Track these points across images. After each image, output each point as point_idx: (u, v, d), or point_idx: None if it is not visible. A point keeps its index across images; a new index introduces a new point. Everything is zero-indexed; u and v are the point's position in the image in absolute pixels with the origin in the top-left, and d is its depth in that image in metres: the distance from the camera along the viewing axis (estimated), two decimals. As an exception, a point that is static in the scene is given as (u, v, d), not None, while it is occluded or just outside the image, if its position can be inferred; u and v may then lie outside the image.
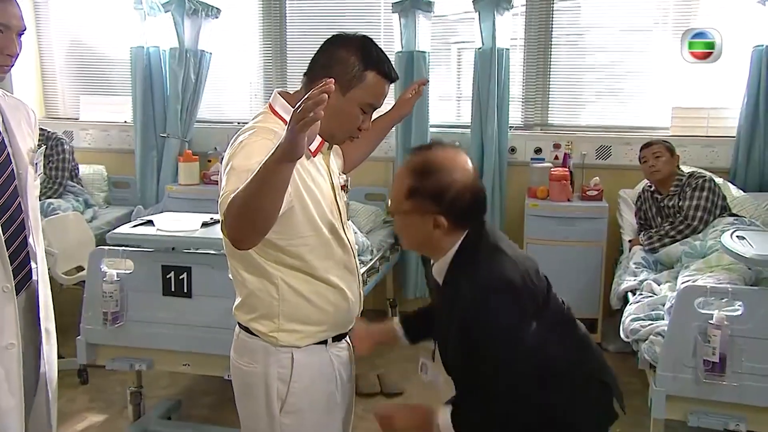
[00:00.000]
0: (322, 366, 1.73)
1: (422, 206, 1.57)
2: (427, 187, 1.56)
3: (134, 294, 2.70)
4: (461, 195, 1.56)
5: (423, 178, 1.57)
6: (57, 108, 5.35)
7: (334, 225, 1.70)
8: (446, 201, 1.56)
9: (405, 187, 1.59)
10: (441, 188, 1.56)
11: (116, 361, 2.80)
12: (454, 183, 1.56)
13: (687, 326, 2.32)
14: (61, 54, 5.25)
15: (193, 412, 3.27)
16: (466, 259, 1.59)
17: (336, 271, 1.70)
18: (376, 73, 1.62)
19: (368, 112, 1.66)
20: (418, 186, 1.57)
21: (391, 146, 4.53)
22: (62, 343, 3.66)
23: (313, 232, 1.65)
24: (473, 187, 1.60)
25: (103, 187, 4.87)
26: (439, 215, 1.56)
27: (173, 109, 4.69)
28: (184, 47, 4.60)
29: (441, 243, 1.61)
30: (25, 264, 1.81)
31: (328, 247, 1.68)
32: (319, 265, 1.66)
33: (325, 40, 1.69)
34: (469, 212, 1.60)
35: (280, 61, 4.83)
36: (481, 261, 1.57)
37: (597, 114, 4.49)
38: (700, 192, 3.38)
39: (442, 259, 1.63)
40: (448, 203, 1.56)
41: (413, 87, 2.06)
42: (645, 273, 3.29)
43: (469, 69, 4.42)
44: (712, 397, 2.32)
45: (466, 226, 1.61)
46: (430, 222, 1.57)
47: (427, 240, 1.61)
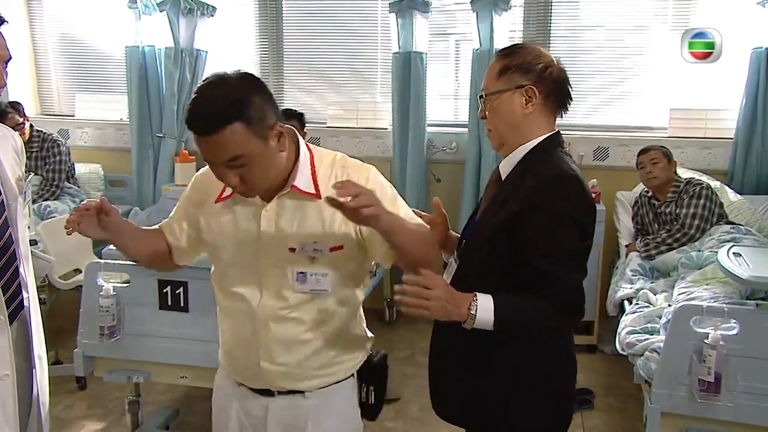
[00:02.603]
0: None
1: (513, 80, 1.59)
2: (515, 61, 1.60)
3: (131, 308, 2.70)
4: (549, 68, 1.60)
5: (511, 56, 1.62)
6: (52, 105, 5.32)
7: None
8: (536, 72, 1.59)
9: (495, 70, 1.62)
10: (529, 61, 1.60)
11: (114, 373, 2.80)
12: (542, 57, 1.61)
13: (683, 344, 2.33)
14: (56, 50, 5.22)
15: (191, 420, 3.29)
16: (538, 157, 1.59)
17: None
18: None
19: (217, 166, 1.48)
20: (507, 63, 1.61)
21: (388, 146, 4.52)
22: (61, 345, 3.72)
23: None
24: (559, 68, 1.63)
25: (99, 186, 4.85)
26: (530, 86, 1.58)
27: (169, 109, 4.67)
28: (180, 47, 4.57)
29: (531, 125, 1.61)
30: (17, 294, 1.81)
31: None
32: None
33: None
34: (557, 87, 1.62)
35: (277, 60, 4.80)
36: (553, 162, 1.57)
37: (594, 114, 4.47)
38: (698, 200, 3.38)
39: (516, 151, 1.62)
40: (537, 74, 1.59)
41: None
42: (641, 281, 3.30)
43: (466, 67, 4.40)
44: (707, 415, 2.33)
45: (555, 108, 1.63)
46: (520, 98, 1.59)
47: (518, 122, 1.60)
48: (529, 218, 1.50)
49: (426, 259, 1.53)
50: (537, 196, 1.51)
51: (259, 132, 1.44)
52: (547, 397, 1.64)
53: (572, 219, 1.51)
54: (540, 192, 1.51)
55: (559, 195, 1.50)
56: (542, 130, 1.61)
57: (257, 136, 1.44)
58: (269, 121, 1.46)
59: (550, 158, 1.58)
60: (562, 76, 1.63)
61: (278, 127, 1.49)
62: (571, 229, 1.51)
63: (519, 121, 1.60)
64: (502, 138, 1.64)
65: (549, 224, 1.49)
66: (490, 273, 1.57)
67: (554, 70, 1.61)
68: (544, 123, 1.62)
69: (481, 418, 1.66)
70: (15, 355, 1.78)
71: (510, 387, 1.61)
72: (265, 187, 1.55)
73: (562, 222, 1.49)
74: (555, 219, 1.49)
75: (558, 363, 1.66)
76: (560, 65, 1.64)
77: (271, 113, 1.47)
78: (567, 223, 1.50)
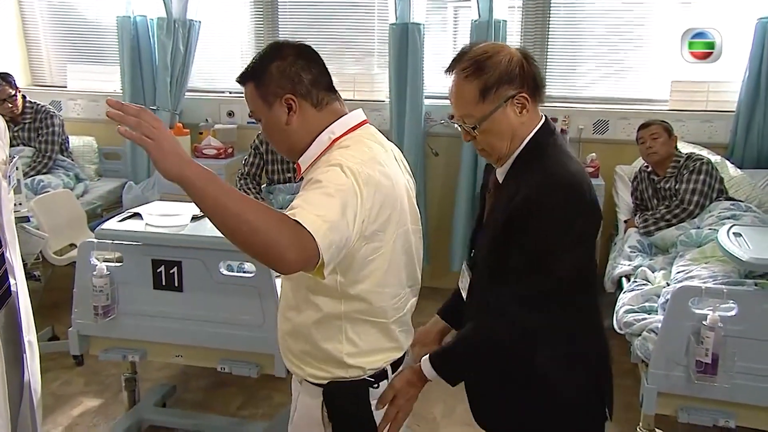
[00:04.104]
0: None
1: (500, 96, 1.50)
2: (493, 76, 1.49)
3: (125, 287, 2.67)
4: (521, 62, 1.51)
5: (482, 71, 1.50)
6: (43, 76, 5.24)
7: None
8: (516, 75, 1.50)
9: (472, 94, 1.51)
10: (505, 68, 1.49)
11: (109, 352, 2.78)
12: (508, 54, 1.51)
13: (680, 326, 2.31)
14: (45, 19, 5.11)
15: (188, 396, 3.29)
16: (533, 156, 1.53)
17: None
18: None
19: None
20: (485, 81, 1.49)
21: (385, 119, 4.44)
22: (57, 320, 3.71)
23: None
24: (526, 55, 1.54)
25: (93, 159, 4.80)
26: (520, 94, 1.51)
27: (162, 80, 4.59)
28: (172, 17, 4.48)
29: (524, 127, 1.54)
30: (4, 281, 1.77)
31: None
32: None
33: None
34: (536, 77, 1.53)
35: (272, 28, 4.70)
36: (549, 158, 1.51)
37: (594, 86, 4.40)
38: (698, 175, 3.33)
39: (511, 157, 1.57)
40: (518, 77, 1.50)
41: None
42: (640, 258, 3.27)
43: (465, 38, 4.31)
44: (703, 395, 2.33)
45: (539, 97, 1.55)
46: (512, 108, 1.51)
47: (515, 131, 1.53)
48: (517, 230, 1.46)
49: (264, 239, 1.25)
50: (527, 206, 1.45)
51: (264, 96, 1.52)
52: (578, 408, 1.63)
53: (559, 246, 1.45)
54: (531, 202, 1.45)
55: (548, 205, 1.44)
56: (533, 124, 1.56)
57: (262, 99, 1.53)
58: (279, 89, 1.51)
59: (544, 155, 1.52)
60: (532, 62, 1.54)
61: (288, 97, 1.51)
62: (552, 261, 1.45)
63: (515, 130, 1.54)
64: (500, 152, 1.56)
65: (531, 248, 1.45)
66: (502, 280, 1.51)
67: (523, 61, 1.52)
68: (533, 117, 1.56)
69: (522, 427, 1.67)
70: (3, 342, 1.76)
71: (544, 399, 1.60)
72: (282, 151, 1.65)
73: (543, 253, 1.45)
74: (538, 245, 1.45)
75: (587, 375, 1.63)
76: (521, 49, 1.56)
77: (286, 83, 1.51)
78: (549, 254, 1.45)
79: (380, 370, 1.61)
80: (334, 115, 1.56)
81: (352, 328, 1.55)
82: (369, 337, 1.58)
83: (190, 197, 1.25)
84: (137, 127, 1.23)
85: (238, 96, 4.78)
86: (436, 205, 4.46)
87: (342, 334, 1.55)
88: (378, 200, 1.44)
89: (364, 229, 1.42)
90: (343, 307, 1.53)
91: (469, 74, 1.50)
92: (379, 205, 1.45)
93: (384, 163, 1.51)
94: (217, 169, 4.40)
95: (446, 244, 4.39)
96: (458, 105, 1.55)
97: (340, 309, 1.54)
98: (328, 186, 1.36)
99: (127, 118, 1.23)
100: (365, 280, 1.52)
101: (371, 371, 1.59)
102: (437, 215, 4.46)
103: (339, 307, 1.54)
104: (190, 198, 1.26)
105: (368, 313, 1.55)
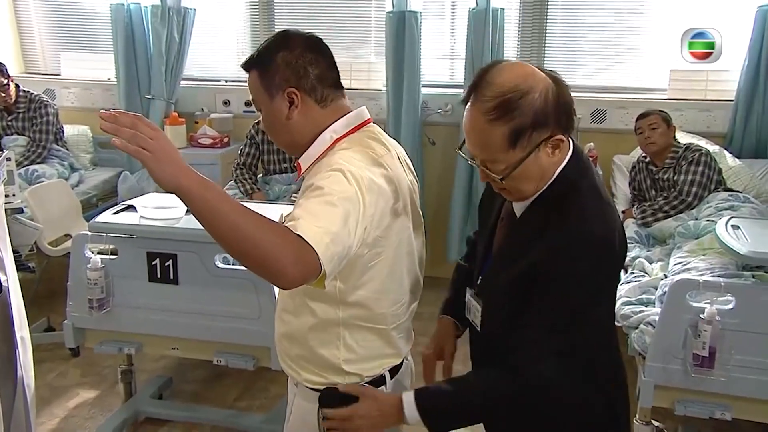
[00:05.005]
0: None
1: (533, 141, 1.30)
2: (525, 119, 1.28)
3: (120, 280, 2.65)
4: (554, 95, 1.30)
5: (512, 112, 1.28)
6: (37, 63, 5.20)
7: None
8: (551, 114, 1.30)
9: (500, 140, 1.29)
10: (541, 109, 1.29)
11: (104, 344, 2.77)
12: (546, 90, 1.30)
13: (678, 319, 2.30)
14: (38, 6, 5.05)
15: (185, 388, 3.29)
16: (563, 195, 1.36)
17: None
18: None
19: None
20: (516, 125, 1.28)
21: (382, 108, 4.41)
22: (53, 311, 3.70)
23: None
24: (557, 80, 1.33)
25: (88, 148, 4.76)
26: (555, 135, 1.32)
27: (157, 69, 4.55)
28: (167, 5, 4.43)
29: (555, 165, 1.37)
30: (-5, 276, 1.76)
31: None
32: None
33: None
34: (567, 110, 1.34)
35: (268, 18, 4.66)
36: (581, 201, 1.35)
37: (593, 76, 4.37)
38: (696, 166, 3.31)
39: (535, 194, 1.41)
40: (553, 116, 1.30)
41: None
42: (637, 249, 3.26)
43: (463, 26, 4.27)
44: (700, 388, 2.33)
45: (571, 130, 1.36)
46: (545, 150, 1.33)
47: (546, 171, 1.36)
48: (541, 285, 1.32)
49: (263, 253, 1.19)
50: (555, 261, 1.31)
51: (267, 86, 1.49)
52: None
53: (588, 305, 1.35)
54: (560, 258, 1.31)
55: (574, 266, 1.31)
56: (562, 157, 1.37)
57: (265, 89, 1.49)
58: (283, 81, 1.47)
59: (575, 196, 1.35)
60: (563, 88, 1.34)
61: (291, 91, 1.47)
62: (579, 320, 1.34)
63: (546, 171, 1.37)
64: (526, 195, 1.39)
65: (559, 306, 1.32)
66: (520, 334, 1.36)
67: (555, 92, 1.31)
68: (566, 150, 1.38)
69: None
70: (-2, 338, 1.75)
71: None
72: (280, 145, 1.62)
73: (571, 312, 1.32)
74: (566, 303, 1.32)
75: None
76: (550, 73, 1.34)
77: (291, 76, 1.47)
78: (577, 313, 1.33)
79: (378, 376, 1.57)
80: (337, 112, 1.51)
81: (350, 335, 1.52)
82: (368, 344, 1.54)
83: (188, 208, 1.21)
84: (133, 138, 1.16)
85: (234, 85, 4.75)
86: (433, 194, 4.43)
87: (340, 340, 1.52)
88: (380, 206, 1.40)
89: (366, 236, 1.38)
90: (341, 313, 1.50)
91: (494, 118, 1.29)
92: (381, 211, 1.41)
93: (387, 165, 1.47)
94: (212, 159, 4.38)
95: (443, 233, 4.37)
96: (481, 149, 1.35)
97: (338, 315, 1.50)
98: (330, 194, 1.31)
99: (122, 131, 1.16)
100: (365, 286, 1.48)
101: (369, 378, 1.56)
102: (434, 204, 4.44)
103: (337, 314, 1.50)
104: (188, 208, 1.21)
105: (367, 319, 1.52)
